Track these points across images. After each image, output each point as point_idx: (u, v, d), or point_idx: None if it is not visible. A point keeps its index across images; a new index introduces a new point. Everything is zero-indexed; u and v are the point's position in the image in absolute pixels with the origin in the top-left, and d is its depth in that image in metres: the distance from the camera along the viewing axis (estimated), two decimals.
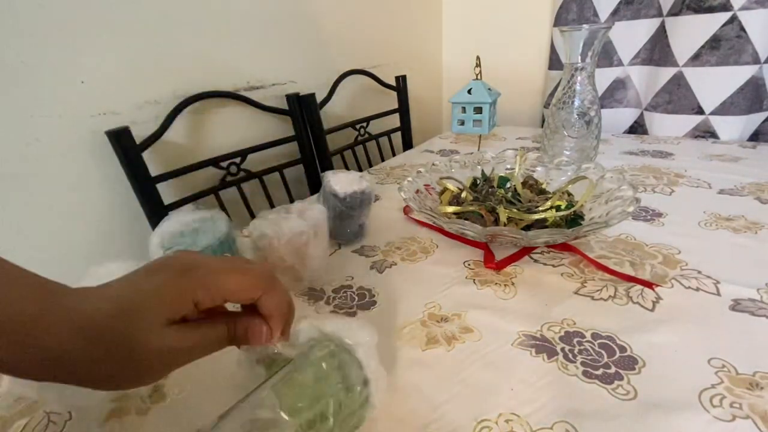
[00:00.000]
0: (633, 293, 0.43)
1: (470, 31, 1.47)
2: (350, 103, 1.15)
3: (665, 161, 0.85)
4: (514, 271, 0.49)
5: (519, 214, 0.53)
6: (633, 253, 0.50)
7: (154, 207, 0.69)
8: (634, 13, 1.07)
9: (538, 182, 0.62)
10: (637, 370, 0.33)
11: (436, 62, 1.55)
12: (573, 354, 0.36)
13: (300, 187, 0.98)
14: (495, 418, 0.30)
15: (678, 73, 1.03)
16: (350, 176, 0.56)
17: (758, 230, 0.53)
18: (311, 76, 1.00)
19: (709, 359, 0.34)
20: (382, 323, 0.42)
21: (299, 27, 0.96)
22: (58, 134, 0.61)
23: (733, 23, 0.93)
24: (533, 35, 1.32)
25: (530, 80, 1.37)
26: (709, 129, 1.03)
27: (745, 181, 0.69)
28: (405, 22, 1.32)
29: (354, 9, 1.10)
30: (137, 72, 0.69)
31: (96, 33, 0.63)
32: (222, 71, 0.82)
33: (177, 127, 0.74)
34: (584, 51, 0.71)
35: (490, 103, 1.02)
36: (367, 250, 0.57)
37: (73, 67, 0.61)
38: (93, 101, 0.64)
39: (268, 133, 0.91)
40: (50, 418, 0.34)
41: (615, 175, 0.56)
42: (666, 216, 0.59)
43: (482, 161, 0.69)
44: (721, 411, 0.29)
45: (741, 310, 0.39)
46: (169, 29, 0.72)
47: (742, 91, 0.97)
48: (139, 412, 0.34)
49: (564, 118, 0.77)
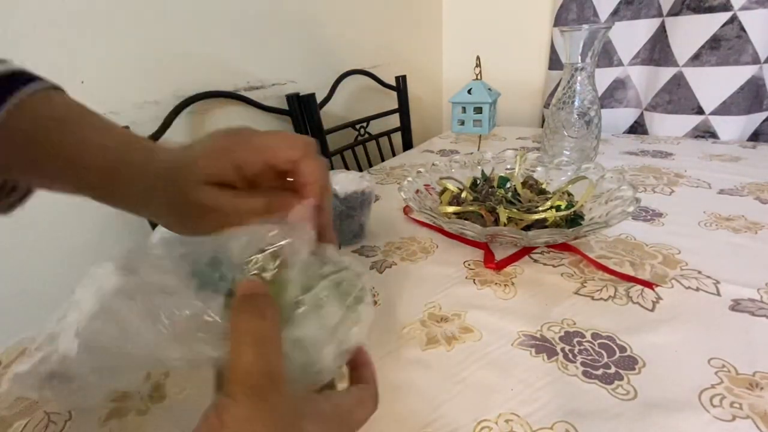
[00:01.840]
0: (633, 293, 0.43)
1: (470, 31, 1.47)
2: (350, 103, 1.15)
3: (665, 161, 0.85)
4: (514, 271, 0.49)
5: (519, 214, 0.53)
6: (633, 253, 0.50)
7: None
8: (634, 13, 1.07)
9: (538, 182, 0.62)
10: (637, 370, 0.33)
11: (436, 62, 1.55)
12: (573, 354, 0.36)
13: None
14: (495, 418, 0.30)
15: (678, 73, 1.03)
16: (350, 176, 0.56)
17: (758, 230, 0.53)
18: (311, 76, 1.00)
19: (709, 359, 0.34)
20: (382, 323, 0.42)
21: (299, 27, 0.96)
22: None
23: (733, 23, 0.93)
24: (533, 35, 1.32)
25: (530, 80, 1.37)
26: (709, 129, 1.03)
27: (745, 181, 0.69)
28: (405, 22, 1.32)
29: (354, 9, 1.10)
30: (137, 72, 0.69)
31: (96, 33, 0.63)
32: (222, 71, 0.82)
33: (177, 127, 0.74)
34: (584, 51, 0.71)
35: (490, 103, 1.02)
36: (367, 250, 0.57)
37: (73, 67, 0.61)
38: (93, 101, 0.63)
39: None
40: (50, 418, 0.34)
41: (615, 175, 0.56)
42: (666, 216, 0.59)
43: (482, 161, 0.69)
44: (721, 411, 0.29)
45: (741, 310, 0.39)
46: (169, 29, 0.72)
47: (742, 91, 0.97)
48: (139, 412, 0.34)
49: (564, 118, 0.77)
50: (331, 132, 1.00)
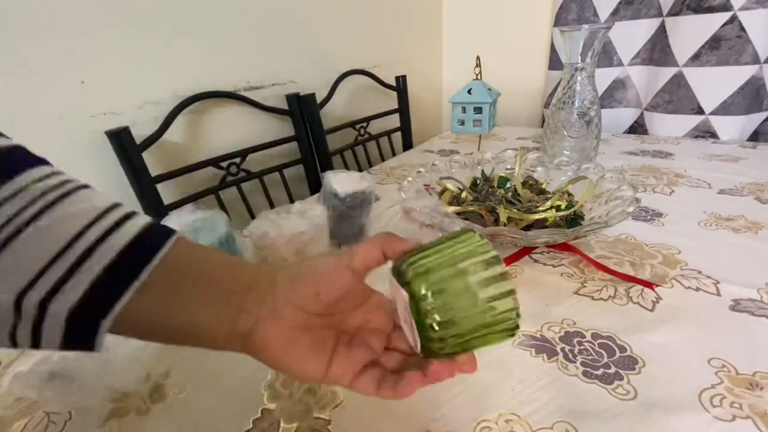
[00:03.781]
0: (633, 293, 0.43)
1: (470, 31, 1.47)
2: (350, 103, 1.15)
3: (665, 161, 0.85)
4: (514, 271, 0.49)
5: (519, 214, 0.53)
6: (633, 253, 0.50)
7: (154, 207, 0.69)
8: (634, 13, 1.07)
9: (538, 182, 0.62)
10: (637, 370, 0.33)
11: (436, 62, 1.55)
12: (573, 354, 0.36)
13: (300, 187, 0.98)
14: (495, 418, 0.30)
15: (678, 73, 1.03)
16: (350, 176, 0.56)
17: (758, 230, 0.53)
18: (311, 76, 1.00)
19: (709, 359, 0.34)
20: None
21: (299, 27, 0.96)
22: (58, 134, 0.61)
23: (733, 23, 0.93)
24: (533, 35, 1.32)
25: (530, 80, 1.37)
26: (709, 129, 1.03)
27: (745, 181, 0.69)
28: (405, 22, 1.32)
29: (354, 9, 1.10)
30: (137, 72, 0.69)
31: (96, 33, 0.63)
32: (222, 71, 0.82)
33: (177, 127, 0.74)
34: (584, 51, 0.71)
35: (490, 103, 1.02)
36: None
37: (73, 67, 0.61)
38: (93, 101, 0.64)
39: (268, 133, 0.91)
40: (50, 418, 0.34)
41: (615, 175, 0.56)
42: (666, 216, 0.59)
43: (482, 161, 0.69)
44: (721, 411, 0.29)
45: (741, 310, 0.39)
46: (169, 29, 0.72)
47: (742, 91, 0.97)
48: (139, 412, 0.34)
49: (564, 118, 0.77)
50: (331, 132, 1.00)
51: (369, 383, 0.24)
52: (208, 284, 0.24)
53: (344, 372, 0.24)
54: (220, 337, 0.24)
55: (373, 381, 0.25)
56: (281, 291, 0.24)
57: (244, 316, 0.24)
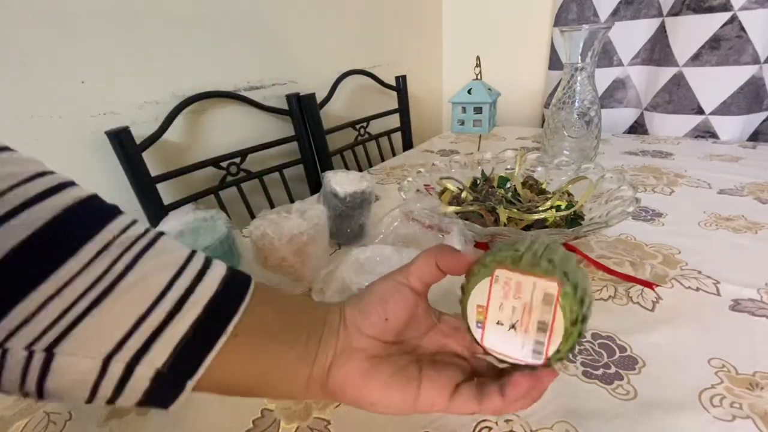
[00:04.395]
0: (633, 293, 0.43)
1: (470, 31, 1.47)
2: (350, 103, 1.15)
3: (665, 161, 0.85)
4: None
5: (519, 214, 0.53)
6: (633, 253, 0.50)
7: (154, 207, 0.69)
8: (634, 13, 1.07)
9: (538, 182, 0.62)
10: (637, 370, 0.33)
11: (436, 62, 1.55)
12: (573, 354, 0.36)
13: (300, 187, 0.98)
14: (495, 418, 0.30)
15: (678, 73, 1.03)
16: (350, 176, 0.56)
17: (758, 230, 0.53)
18: (311, 76, 1.00)
19: (709, 359, 0.34)
20: None
21: (299, 27, 0.96)
22: (58, 134, 0.61)
23: (733, 23, 0.93)
24: (533, 35, 1.32)
25: (530, 80, 1.37)
26: (709, 129, 1.03)
27: (745, 181, 0.69)
28: (405, 22, 1.32)
29: (354, 9, 1.10)
30: (137, 72, 0.69)
31: (96, 33, 0.63)
32: (222, 71, 0.82)
33: (177, 127, 0.74)
34: (584, 51, 0.71)
35: (490, 103, 1.02)
36: None
37: (73, 67, 0.61)
38: (93, 101, 0.64)
39: (268, 133, 0.91)
40: (50, 418, 0.34)
41: (615, 175, 0.56)
42: (666, 216, 0.59)
43: (482, 161, 0.69)
44: (721, 411, 0.29)
45: (741, 310, 0.39)
46: (168, 29, 0.72)
47: (742, 91, 0.97)
48: (139, 412, 0.34)
49: (564, 118, 0.77)
50: (331, 132, 1.00)
51: (469, 399, 0.22)
52: (286, 327, 0.24)
53: (438, 393, 0.22)
54: (300, 378, 0.23)
55: (472, 395, 0.22)
56: (351, 321, 0.24)
57: (323, 353, 0.23)
